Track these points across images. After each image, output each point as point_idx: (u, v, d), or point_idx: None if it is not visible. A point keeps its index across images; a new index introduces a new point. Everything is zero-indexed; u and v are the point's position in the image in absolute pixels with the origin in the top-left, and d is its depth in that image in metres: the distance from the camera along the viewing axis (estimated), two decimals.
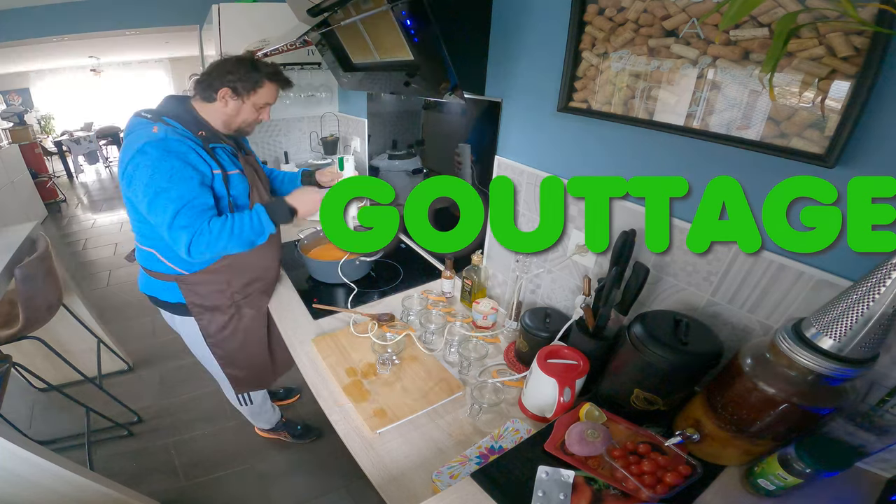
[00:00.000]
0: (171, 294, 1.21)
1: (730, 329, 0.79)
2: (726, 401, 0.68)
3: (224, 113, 1.11)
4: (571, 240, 1.04)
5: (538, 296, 1.22)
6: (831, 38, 0.55)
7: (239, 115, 1.13)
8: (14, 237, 1.66)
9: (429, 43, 1.03)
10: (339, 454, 1.72)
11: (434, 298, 1.34)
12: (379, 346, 1.08)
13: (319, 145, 2.21)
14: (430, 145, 1.63)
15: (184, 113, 1.08)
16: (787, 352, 0.59)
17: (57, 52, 5.15)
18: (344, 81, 1.72)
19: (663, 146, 0.81)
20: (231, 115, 1.12)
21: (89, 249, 3.87)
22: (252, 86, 1.09)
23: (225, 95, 1.08)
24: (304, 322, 1.29)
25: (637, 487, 0.67)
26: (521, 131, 1.11)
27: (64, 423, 1.89)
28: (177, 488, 1.61)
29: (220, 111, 1.11)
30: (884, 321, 0.51)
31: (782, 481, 0.65)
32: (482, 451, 0.83)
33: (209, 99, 1.09)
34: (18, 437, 1.00)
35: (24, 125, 5.23)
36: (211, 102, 1.09)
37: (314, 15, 1.33)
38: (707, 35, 0.68)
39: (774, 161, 0.65)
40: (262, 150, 2.21)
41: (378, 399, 0.98)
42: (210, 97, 1.09)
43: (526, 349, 1.03)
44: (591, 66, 0.87)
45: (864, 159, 0.58)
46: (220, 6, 1.76)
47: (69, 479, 1.07)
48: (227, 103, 1.09)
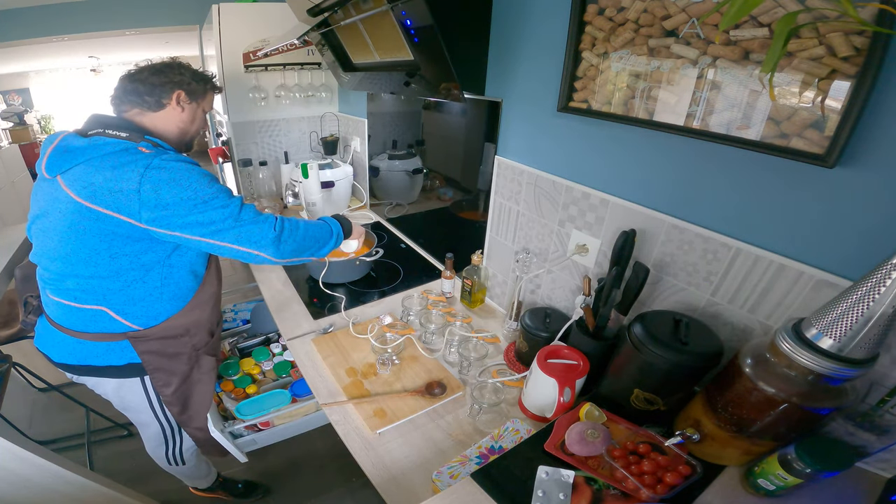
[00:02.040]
0: (115, 356, 1.01)
1: (730, 329, 0.79)
2: (726, 401, 0.68)
3: (180, 120, 0.98)
4: (572, 240, 1.04)
5: (538, 296, 1.22)
6: (831, 38, 0.55)
7: (194, 121, 1.02)
8: (14, 237, 1.66)
9: (429, 43, 1.03)
10: (339, 454, 1.73)
11: (434, 298, 1.34)
12: (378, 348, 1.09)
13: (319, 145, 2.21)
14: (430, 145, 1.63)
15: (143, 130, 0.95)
16: (787, 352, 0.58)
17: (57, 52, 5.14)
18: (344, 81, 1.72)
19: (663, 146, 0.81)
20: (187, 122, 1.00)
21: None
22: (202, 88, 1.00)
23: (179, 99, 0.96)
24: (304, 322, 1.29)
25: (637, 487, 0.67)
26: (522, 131, 1.11)
27: (64, 423, 1.89)
28: (177, 488, 1.61)
29: (174, 118, 0.97)
30: (884, 321, 0.51)
31: (782, 481, 0.65)
32: (482, 451, 0.83)
33: (156, 106, 0.95)
34: (18, 437, 1.00)
35: (24, 125, 5.24)
36: (159, 110, 0.95)
37: (314, 15, 1.33)
38: (707, 35, 0.68)
39: (774, 161, 0.65)
40: (263, 150, 2.21)
41: (378, 399, 0.98)
42: (158, 103, 0.94)
43: (526, 349, 1.03)
44: (591, 66, 0.87)
45: (864, 159, 0.58)
46: (220, 6, 1.76)
47: (69, 479, 1.07)
48: (182, 109, 0.97)
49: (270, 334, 1.78)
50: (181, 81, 0.95)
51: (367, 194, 2.16)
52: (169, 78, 0.94)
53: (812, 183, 0.64)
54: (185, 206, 0.85)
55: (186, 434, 1.25)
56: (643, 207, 0.87)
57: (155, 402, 1.14)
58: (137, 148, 0.86)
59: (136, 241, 0.90)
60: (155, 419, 1.18)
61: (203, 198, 0.87)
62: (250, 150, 2.17)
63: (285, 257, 0.97)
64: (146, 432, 1.24)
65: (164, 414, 1.18)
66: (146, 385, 1.10)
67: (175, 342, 1.07)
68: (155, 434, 1.23)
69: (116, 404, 1.15)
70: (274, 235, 0.92)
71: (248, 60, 1.90)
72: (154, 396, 1.13)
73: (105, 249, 0.88)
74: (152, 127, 0.96)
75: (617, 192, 0.92)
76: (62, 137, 0.87)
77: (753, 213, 0.72)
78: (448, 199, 1.58)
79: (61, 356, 1.01)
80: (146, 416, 1.17)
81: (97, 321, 0.97)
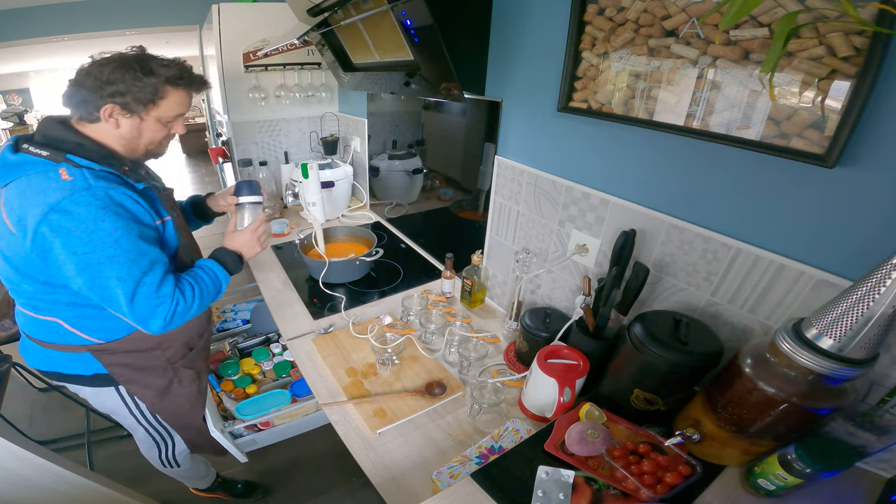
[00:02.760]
0: (82, 366, 0.97)
1: (730, 329, 0.80)
2: (726, 401, 0.68)
3: (119, 136, 0.85)
4: (572, 240, 1.04)
5: (538, 296, 1.22)
6: (831, 38, 0.55)
7: (141, 135, 0.87)
8: None
9: (429, 43, 1.03)
10: (339, 454, 1.73)
11: (434, 298, 1.34)
12: (378, 348, 1.09)
13: (319, 145, 2.21)
14: (430, 145, 1.63)
15: (85, 142, 0.83)
16: (787, 352, 0.58)
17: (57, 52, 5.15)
18: (344, 81, 1.72)
19: (663, 146, 0.81)
20: (130, 138, 0.86)
21: None
22: (150, 96, 0.83)
23: (112, 113, 0.82)
24: (304, 322, 1.29)
25: (637, 487, 0.67)
26: (522, 131, 1.11)
27: (64, 423, 1.89)
28: (176, 489, 1.61)
29: (111, 134, 0.85)
30: (884, 321, 0.51)
31: (782, 481, 0.65)
32: (482, 451, 0.83)
33: (89, 118, 0.82)
34: (18, 437, 1.00)
35: (24, 125, 5.25)
36: (94, 122, 0.83)
37: (314, 15, 1.33)
38: (707, 35, 0.68)
39: (774, 161, 0.65)
40: (263, 150, 2.22)
41: (378, 399, 0.98)
42: (90, 115, 0.82)
43: (526, 349, 1.03)
44: (591, 66, 0.87)
45: (864, 159, 0.58)
46: (220, 6, 1.76)
47: (69, 479, 1.07)
48: (117, 123, 0.83)
49: (270, 334, 1.78)
50: (116, 92, 0.80)
51: (367, 194, 2.16)
52: (100, 85, 0.79)
53: (812, 183, 0.64)
54: (80, 265, 0.76)
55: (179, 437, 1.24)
56: (643, 207, 0.87)
57: (135, 410, 1.10)
58: (58, 171, 0.76)
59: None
60: (139, 425, 1.15)
61: (98, 259, 0.77)
62: (250, 150, 2.17)
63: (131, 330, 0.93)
64: (136, 435, 1.22)
65: (148, 420, 1.14)
66: (122, 394, 1.05)
67: (146, 355, 1.01)
68: (144, 438, 1.21)
69: (100, 409, 1.12)
70: (161, 326, 0.84)
71: (248, 60, 1.90)
72: (133, 405, 1.09)
73: (42, 262, 0.79)
74: (98, 137, 0.84)
75: (617, 192, 0.92)
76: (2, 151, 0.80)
77: (753, 213, 0.72)
78: (448, 199, 1.58)
79: (34, 362, 1.00)
80: (130, 422, 1.14)
81: (54, 333, 0.93)
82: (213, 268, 0.96)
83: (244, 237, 1.05)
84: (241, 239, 1.04)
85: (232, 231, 1.06)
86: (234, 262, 1.01)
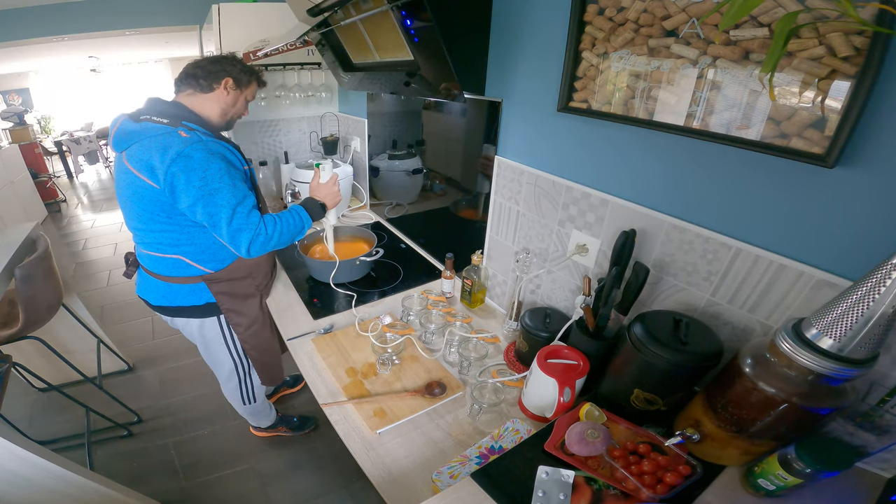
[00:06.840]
0: (196, 297, 1.24)
1: (730, 329, 0.79)
2: (726, 401, 0.68)
3: (224, 102, 1.16)
4: (572, 240, 1.04)
5: (538, 296, 1.22)
6: (831, 38, 0.55)
7: (235, 105, 1.19)
8: (14, 237, 1.66)
9: (429, 43, 1.03)
10: (339, 454, 1.73)
11: (434, 298, 1.34)
12: (379, 347, 1.08)
13: (319, 145, 2.21)
14: (430, 145, 1.63)
15: (189, 114, 1.11)
16: (787, 352, 0.58)
17: (57, 52, 5.15)
18: (344, 81, 1.72)
19: (663, 146, 0.81)
20: (229, 105, 1.17)
21: (89, 249, 3.87)
22: (248, 79, 1.19)
23: (227, 84, 1.14)
24: (304, 322, 1.29)
25: (637, 487, 0.67)
26: (522, 131, 1.11)
27: (64, 423, 1.89)
28: (177, 488, 1.61)
29: (219, 100, 1.15)
30: (884, 321, 0.51)
31: (782, 481, 0.65)
32: (482, 451, 0.83)
33: (207, 88, 1.13)
34: (18, 437, 1.00)
35: (24, 125, 5.24)
36: (209, 92, 1.13)
37: (314, 15, 1.33)
38: (707, 35, 0.68)
39: (774, 161, 0.65)
40: (263, 150, 2.22)
41: (378, 399, 0.98)
42: (209, 87, 1.13)
43: (526, 349, 1.03)
44: (591, 66, 0.87)
45: (864, 159, 0.58)
46: (220, 6, 1.76)
47: (69, 479, 1.07)
48: (228, 92, 1.15)
49: None
50: (231, 71, 1.14)
51: (367, 194, 2.16)
52: (222, 67, 1.14)
53: (812, 183, 0.64)
54: (199, 195, 1.01)
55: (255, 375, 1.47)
56: (643, 207, 0.87)
57: (229, 340, 1.36)
58: (177, 132, 1.02)
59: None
60: (230, 357, 1.39)
61: (210, 191, 1.01)
62: (250, 150, 2.17)
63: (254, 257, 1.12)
64: (222, 373, 1.46)
65: (238, 353, 1.40)
66: (222, 323, 1.32)
67: (241, 283, 1.28)
68: (229, 372, 1.44)
69: (200, 345, 1.38)
70: (245, 250, 1.07)
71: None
72: (228, 334, 1.34)
73: (160, 211, 1.07)
74: (199, 108, 1.13)
75: (617, 192, 0.92)
76: (121, 122, 1.06)
77: (753, 213, 0.72)
78: (447, 198, 1.58)
79: (157, 299, 1.25)
80: (223, 355, 1.38)
81: (177, 267, 1.19)
82: (299, 210, 1.18)
83: (328, 188, 1.28)
84: (326, 189, 1.28)
85: (316, 185, 1.28)
86: (318, 210, 1.24)
